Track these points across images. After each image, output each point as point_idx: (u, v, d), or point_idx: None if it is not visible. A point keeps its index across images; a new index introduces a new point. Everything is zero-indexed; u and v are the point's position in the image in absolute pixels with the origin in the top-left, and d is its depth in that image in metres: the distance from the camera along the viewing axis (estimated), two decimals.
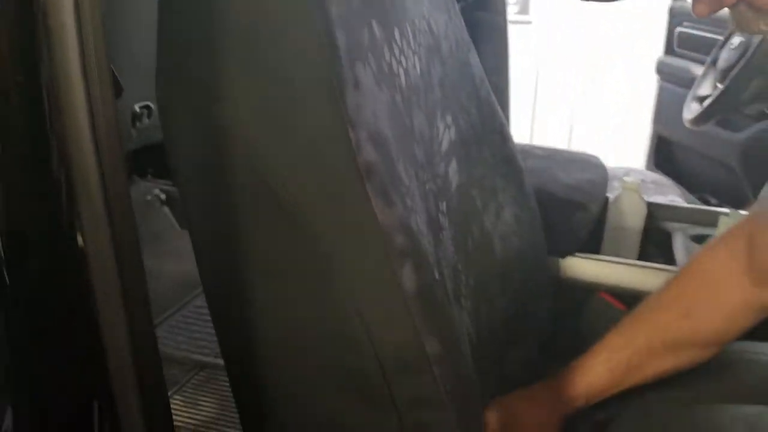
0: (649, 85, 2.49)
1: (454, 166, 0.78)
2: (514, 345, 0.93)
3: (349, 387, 0.57)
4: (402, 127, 0.61)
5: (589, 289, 1.11)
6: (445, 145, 0.75)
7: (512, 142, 0.97)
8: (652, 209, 1.30)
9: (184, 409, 1.71)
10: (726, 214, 1.26)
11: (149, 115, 2.22)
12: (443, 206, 0.73)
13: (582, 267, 1.12)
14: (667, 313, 0.84)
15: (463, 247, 0.80)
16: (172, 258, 2.55)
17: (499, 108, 0.96)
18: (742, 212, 1.25)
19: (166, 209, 2.97)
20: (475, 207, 0.85)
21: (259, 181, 0.53)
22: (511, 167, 0.94)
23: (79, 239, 0.47)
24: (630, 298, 1.07)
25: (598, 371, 0.87)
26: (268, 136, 0.52)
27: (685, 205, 1.44)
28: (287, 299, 0.57)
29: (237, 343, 0.62)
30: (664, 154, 2.42)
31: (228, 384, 0.65)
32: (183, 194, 0.60)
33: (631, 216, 1.25)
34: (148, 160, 2.95)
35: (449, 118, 0.78)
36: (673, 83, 2.28)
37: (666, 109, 2.35)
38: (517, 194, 0.94)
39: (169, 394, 1.77)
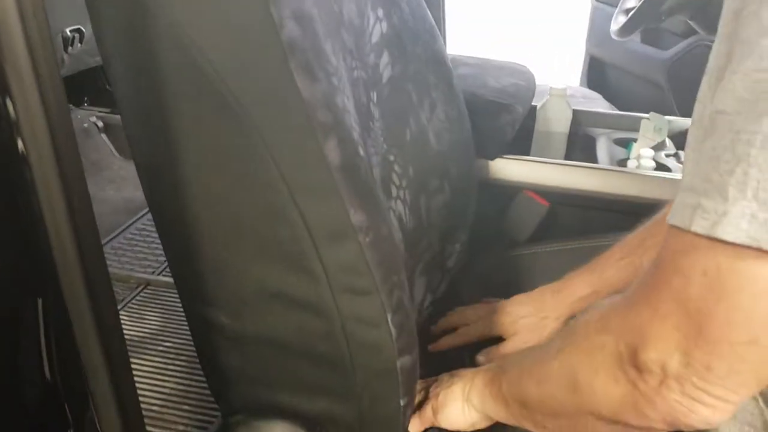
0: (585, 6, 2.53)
1: (385, 58, 0.81)
2: (452, 237, 0.99)
3: (283, 256, 0.60)
4: (329, 10, 0.63)
5: (515, 188, 1.17)
6: (376, 36, 0.78)
7: (442, 43, 1.00)
8: (578, 115, 1.36)
9: (129, 323, 1.74)
10: (647, 119, 1.33)
11: (81, 39, 2.16)
12: (374, 96, 0.76)
13: (509, 167, 1.17)
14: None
15: (399, 138, 0.84)
16: (113, 185, 2.53)
17: (428, 11, 0.99)
18: (662, 116, 1.32)
19: (104, 137, 2.92)
20: (411, 101, 0.89)
21: (186, 61, 0.55)
22: (441, 67, 0.98)
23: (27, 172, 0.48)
24: (553, 195, 1.14)
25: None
26: (192, 15, 0.54)
27: (609, 111, 1.51)
28: (220, 178, 0.59)
29: (176, 231, 0.64)
30: (597, 74, 2.48)
31: (171, 299, 0.68)
32: (112, 79, 0.61)
33: (557, 121, 1.30)
34: (82, 87, 2.87)
35: (381, 12, 0.80)
36: (605, 3, 2.33)
37: (598, 30, 2.39)
38: (447, 93, 0.98)
39: None
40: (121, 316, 1.75)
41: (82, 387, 0.59)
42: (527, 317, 0.90)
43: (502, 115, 1.15)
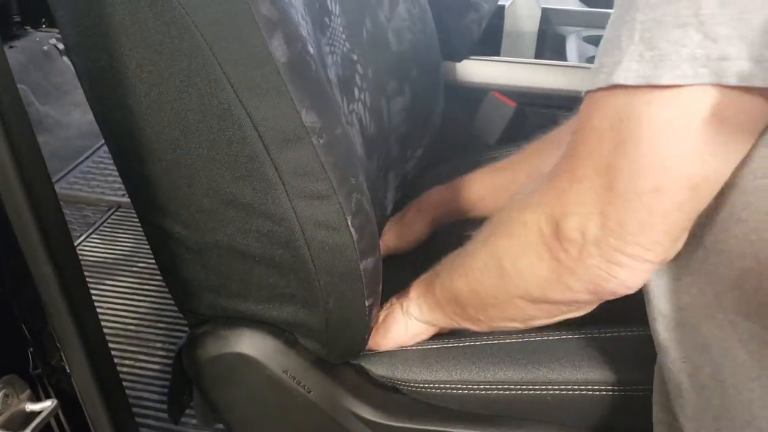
0: None
1: None
2: (414, 142, 0.97)
3: (233, 159, 0.58)
4: None
5: (484, 90, 1.15)
6: None
7: None
8: (547, 13, 1.32)
9: (102, 246, 1.73)
10: None
11: None
12: None
13: (477, 69, 1.15)
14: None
15: (360, 37, 0.80)
16: (79, 109, 2.47)
17: None
18: None
19: (65, 59, 2.82)
20: None
21: None
22: None
23: None
24: (522, 96, 1.12)
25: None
26: None
27: (578, 8, 1.47)
28: (164, 78, 0.56)
29: (124, 137, 0.62)
30: None
31: None
32: None
33: (525, 19, 1.27)
34: (39, 7, 2.75)
35: None
36: None
37: None
38: None
39: (86, 234, 1.78)
40: (93, 240, 1.75)
41: (38, 301, 0.58)
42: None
43: (468, 13, 1.11)
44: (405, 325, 0.74)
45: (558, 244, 0.51)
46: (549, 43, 1.35)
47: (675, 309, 0.55)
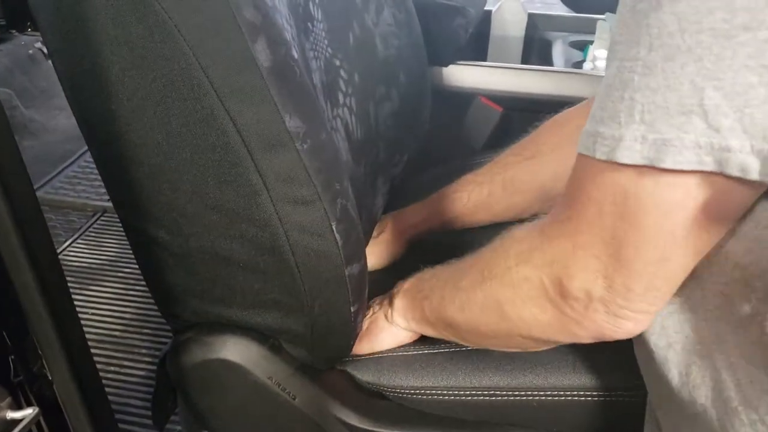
0: None
1: None
2: (401, 146, 0.97)
3: (217, 164, 0.58)
4: None
5: (471, 95, 1.15)
6: None
7: None
8: (533, 19, 1.33)
9: (87, 251, 1.72)
10: (603, 20, 1.30)
11: None
12: None
13: (464, 74, 1.15)
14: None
15: (343, 42, 0.80)
16: (64, 112, 2.45)
17: None
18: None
19: (50, 63, 2.80)
20: (355, 2, 0.85)
21: None
22: None
23: None
24: (508, 101, 1.12)
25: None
26: None
27: (564, 14, 1.47)
28: (147, 83, 0.56)
29: (106, 143, 0.62)
30: None
31: None
32: None
33: (512, 25, 1.27)
34: (24, 12, 2.73)
35: None
36: None
37: None
38: None
39: (71, 239, 1.76)
40: (78, 245, 1.74)
41: (18, 308, 0.57)
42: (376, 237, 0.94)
43: (455, 18, 1.12)
44: (390, 333, 0.74)
45: (563, 301, 0.52)
46: (535, 49, 1.36)
47: (666, 345, 0.55)
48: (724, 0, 0.36)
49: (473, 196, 0.89)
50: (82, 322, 0.63)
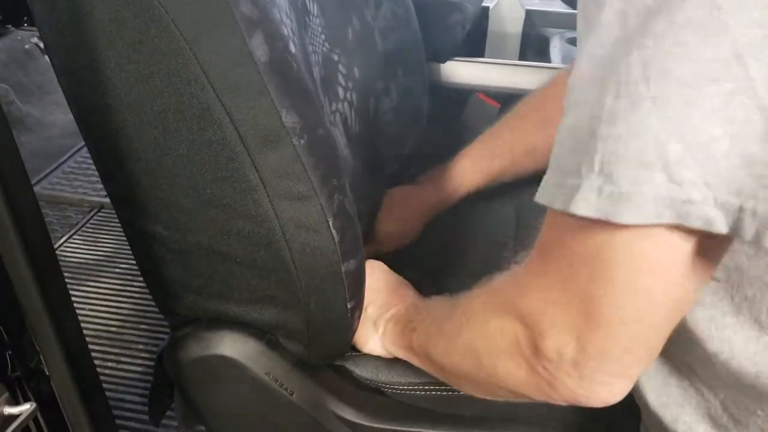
0: None
1: None
2: (400, 142, 0.97)
3: (214, 159, 0.58)
4: None
5: (468, 92, 1.15)
6: None
7: None
8: (530, 15, 1.33)
9: (84, 247, 1.71)
10: None
11: None
12: None
13: (461, 70, 1.15)
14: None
15: (342, 37, 0.80)
16: (61, 108, 2.45)
17: None
18: None
19: (47, 58, 2.80)
20: None
21: None
22: None
23: None
24: (506, 97, 1.12)
25: (472, 170, 0.94)
26: None
27: (562, 9, 1.47)
28: (143, 78, 0.56)
29: (103, 137, 0.62)
30: None
31: None
32: None
33: (509, 21, 1.27)
34: (21, 6, 2.72)
35: None
36: None
37: None
38: None
39: (68, 235, 1.76)
40: (75, 241, 1.74)
41: (16, 303, 0.57)
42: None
43: (452, 14, 1.11)
44: (383, 348, 0.74)
45: (536, 360, 0.49)
46: (533, 45, 1.36)
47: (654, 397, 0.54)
48: (691, 50, 0.35)
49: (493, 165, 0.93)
50: (80, 318, 0.63)
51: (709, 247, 0.41)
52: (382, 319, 0.73)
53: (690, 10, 0.34)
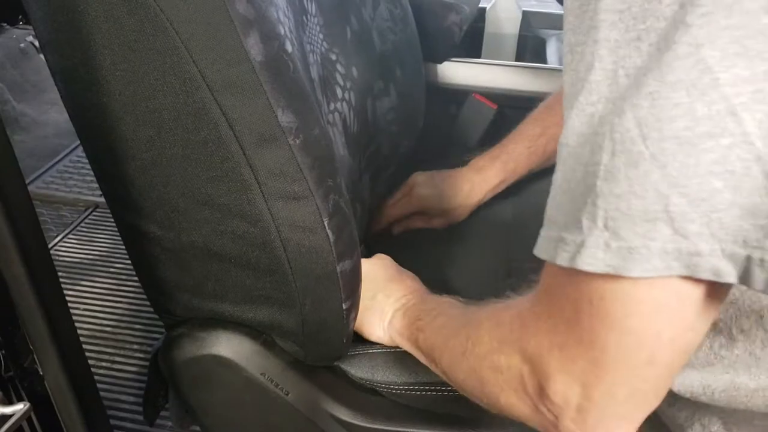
0: None
1: None
2: (399, 142, 0.97)
3: (209, 159, 0.58)
4: None
5: (465, 92, 1.15)
6: None
7: None
8: (527, 16, 1.33)
9: (79, 246, 1.71)
10: None
11: None
12: None
13: (458, 71, 1.15)
14: None
15: (340, 36, 0.80)
16: (56, 107, 2.44)
17: None
18: None
19: (42, 56, 2.78)
20: None
21: None
22: None
23: None
24: (503, 98, 1.12)
25: (520, 156, 0.97)
26: None
27: (558, 11, 1.47)
28: (138, 77, 0.56)
29: (98, 136, 0.61)
30: None
31: None
32: None
33: (506, 22, 1.27)
34: (16, 5, 2.71)
35: None
36: None
37: None
38: None
39: (62, 234, 1.76)
40: (69, 240, 1.73)
41: (9, 303, 0.57)
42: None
43: (449, 15, 1.11)
44: (377, 331, 0.74)
45: (540, 401, 0.49)
46: (529, 46, 1.36)
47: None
48: (685, 109, 0.35)
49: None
50: (74, 317, 0.63)
51: (717, 293, 0.41)
52: (390, 308, 0.73)
53: (680, 70, 0.34)
